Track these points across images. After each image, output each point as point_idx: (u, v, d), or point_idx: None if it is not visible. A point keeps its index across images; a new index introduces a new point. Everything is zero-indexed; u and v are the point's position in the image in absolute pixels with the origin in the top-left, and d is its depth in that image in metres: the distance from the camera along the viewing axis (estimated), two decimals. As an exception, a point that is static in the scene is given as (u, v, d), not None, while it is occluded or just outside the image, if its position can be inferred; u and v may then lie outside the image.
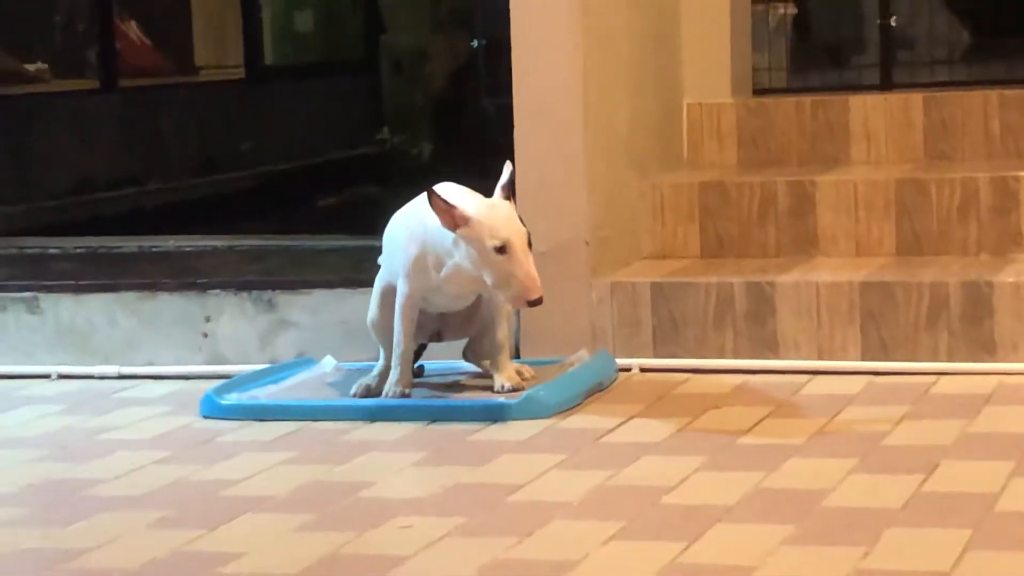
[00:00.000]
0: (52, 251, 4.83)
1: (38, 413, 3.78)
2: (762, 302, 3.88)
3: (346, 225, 5.43)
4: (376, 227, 5.81)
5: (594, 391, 3.71)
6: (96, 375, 4.12)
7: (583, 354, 3.86)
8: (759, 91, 4.87)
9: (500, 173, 4.09)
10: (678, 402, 3.63)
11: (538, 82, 3.97)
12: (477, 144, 7.06)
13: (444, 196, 3.47)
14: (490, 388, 3.62)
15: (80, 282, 4.26)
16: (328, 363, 4.02)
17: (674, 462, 3.12)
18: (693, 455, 3.16)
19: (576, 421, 3.50)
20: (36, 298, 4.22)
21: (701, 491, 2.94)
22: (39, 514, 2.98)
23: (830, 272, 3.96)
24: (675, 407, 3.57)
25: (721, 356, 3.89)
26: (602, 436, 3.36)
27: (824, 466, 3.04)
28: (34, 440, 3.53)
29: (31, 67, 7.28)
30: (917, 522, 2.69)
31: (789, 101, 4.59)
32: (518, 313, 3.99)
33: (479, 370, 3.78)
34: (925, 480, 2.92)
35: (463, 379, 3.79)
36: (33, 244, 4.94)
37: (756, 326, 3.88)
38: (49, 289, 4.22)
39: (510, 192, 3.52)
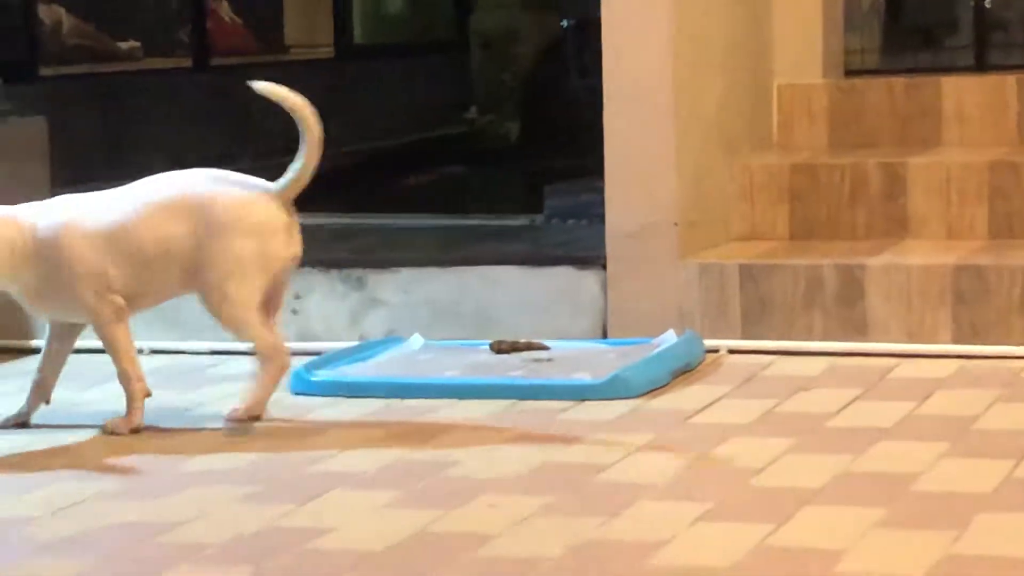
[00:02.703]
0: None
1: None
2: (852, 284, 3.86)
3: (434, 204, 5.45)
4: (463, 206, 5.83)
5: (681, 372, 3.70)
6: (188, 351, 4.16)
7: (670, 335, 3.86)
8: (851, 72, 4.84)
9: (587, 153, 4.10)
10: (766, 384, 3.62)
11: (628, 62, 3.96)
12: (565, 124, 7.06)
13: None
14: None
15: (172, 258, 4.29)
16: (416, 341, 4.04)
17: (762, 444, 3.12)
18: (781, 437, 3.15)
19: (663, 402, 3.50)
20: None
21: (789, 473, 2.93)
22: (131, 488, 3.02)
23: (921, 255, 3.93)
24: (763, 389, 3.57)
25: (809, 338, 3.87)
26: (689, 417, 3.36)
27: (914, 450, 3.02)
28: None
29: (124, 45, 7.34)
30: (1008, 507, 2.67)
31: (881, 82, 4.55)
32: (605, 293, 4.00)
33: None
34: (1017, 465, 2.90)
35: (552, 359, 3.80)
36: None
37: (845, 308, 3.86)
38: (142, 265, 4.25)
39: None
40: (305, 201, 3.94)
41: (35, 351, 4.08)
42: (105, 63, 6.85)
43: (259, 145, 6.88)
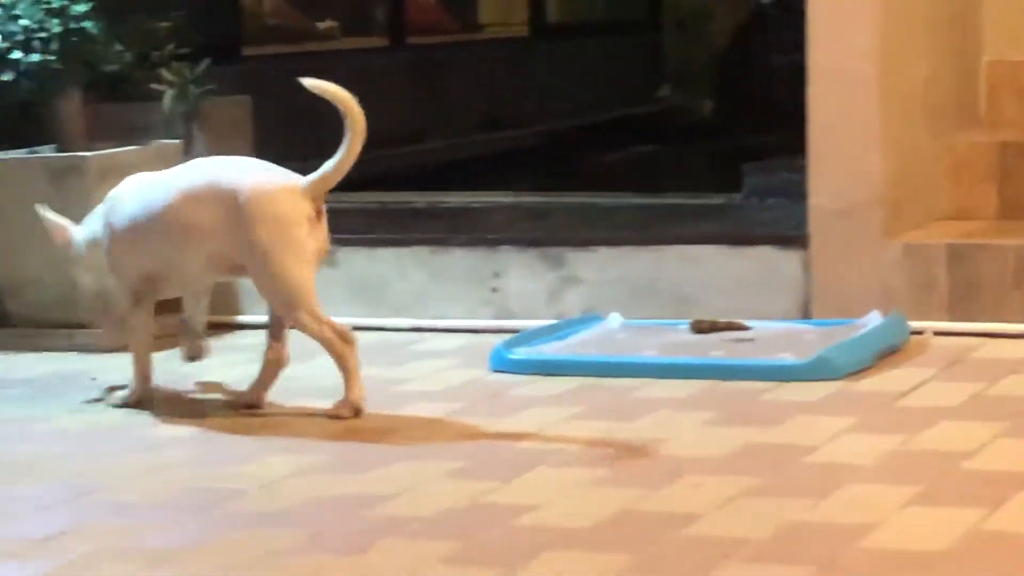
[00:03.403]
0: (345, 205, 4.91)
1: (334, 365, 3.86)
2: (1064, 265, 3.76)
3: (630, 182, 5.43)
4: (659, 184, 5.77)
5: (886, 354, 3.65)
6: (389, 327, 4.19)
7: (875, 316, 3.80)
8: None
9: (786, 131, 4.04)
10: (974, 367, 3.55)
11: (834, 40, 3.90)
12: (762, 102, 6.99)
13: None
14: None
15: (374, 236, 4.34)
16: (615, 320, 4.03)
17: (972, 427, 3.06)
18: (992, 421, 3.08)
19: (868, 384, 3.45)
20: (334, 251, 4.30)
21: (1002, 457, 2.87)
22: (340, 462, 3.05)
23: None
24: (971, 371, 3.50)
25: (1021, 320, 3.78)
26: (896, 399, 3.31)
27: None
28: (330, 390, 3.60)
29: (321, 25, 7.43)
30: None
31: (1095, 57, 4.43)
32: (807, 273, 3.95)
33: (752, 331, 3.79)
34: None
35: (753, 339, 3.77)
36: (327, 198, 5.01)
37: (1057, 290, 3.77)
38: (345, 242, 4.31)
39: None
40: (503, 180, 3.94)
41: (245, 326, 4.16)
42: (304, 43, 6.93)
43: (454, 123, 6.93)
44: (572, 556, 2.48)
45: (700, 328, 3.87)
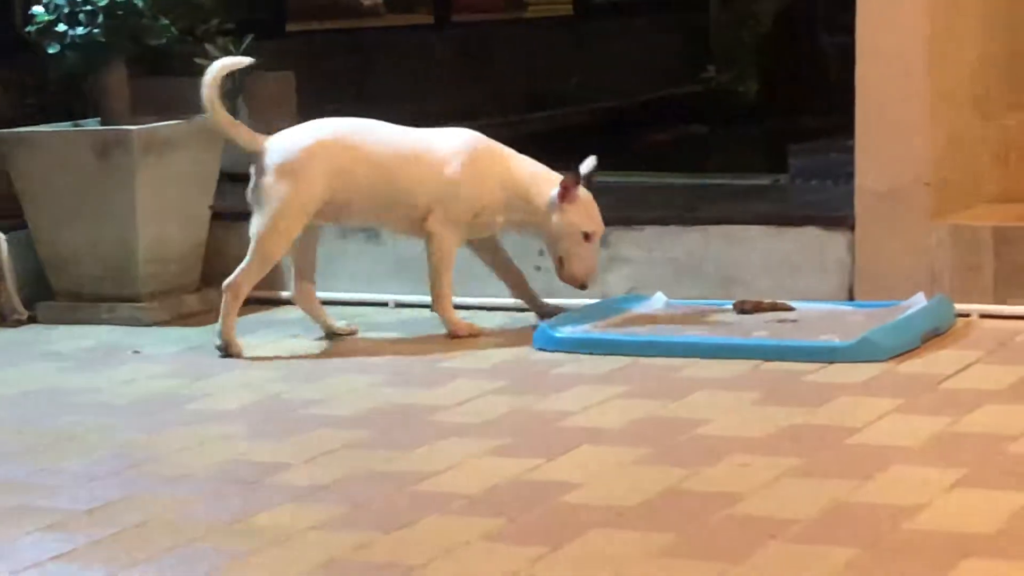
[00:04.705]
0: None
1: (378, 340, 3.87)
2: (1112, 249, 3.74)
3: (675, 162, 5.41)
4: (703, 165, 5.72)
5: (930, 336, 3.63)
6: (430, 304, 4.18)
7: (920, 298, 3.79)
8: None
9: (833, 112, 4.02)
10: (1020, 350, 3.53)
11: (883, 21, 3.87)
12: (808, 83, 6.96)
13: None
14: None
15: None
16: (659, 299, 4.02)
17: (1017, 410, 3.05)
18: (1038, 404, 3.07)
19: (913, 366, 3.44)
20: (378, 231, 4.30)
21: (1048, 441, 2.86)
22: (383, 437, 3.06)
23: None
24: (1017, 355, 3.48)
25: (1067, 305, 3.77)
26: (941, 382, 3.29)
27: None
28: (375, 365, 3.62)
29: (366, 2, 7.41)
30: None
31: None
32: (853, 254, 3.93)
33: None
34: None
35: (797, 320, 3.76)
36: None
37: (1105, 274, 3.74)
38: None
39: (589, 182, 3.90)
40: (547, 159, 3.94)
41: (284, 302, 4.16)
42: (348, 19, 6.93)
43: (498, 102, 6.91)
44: (616, 534, 2.48)
45: (744, 308, 3.86)
